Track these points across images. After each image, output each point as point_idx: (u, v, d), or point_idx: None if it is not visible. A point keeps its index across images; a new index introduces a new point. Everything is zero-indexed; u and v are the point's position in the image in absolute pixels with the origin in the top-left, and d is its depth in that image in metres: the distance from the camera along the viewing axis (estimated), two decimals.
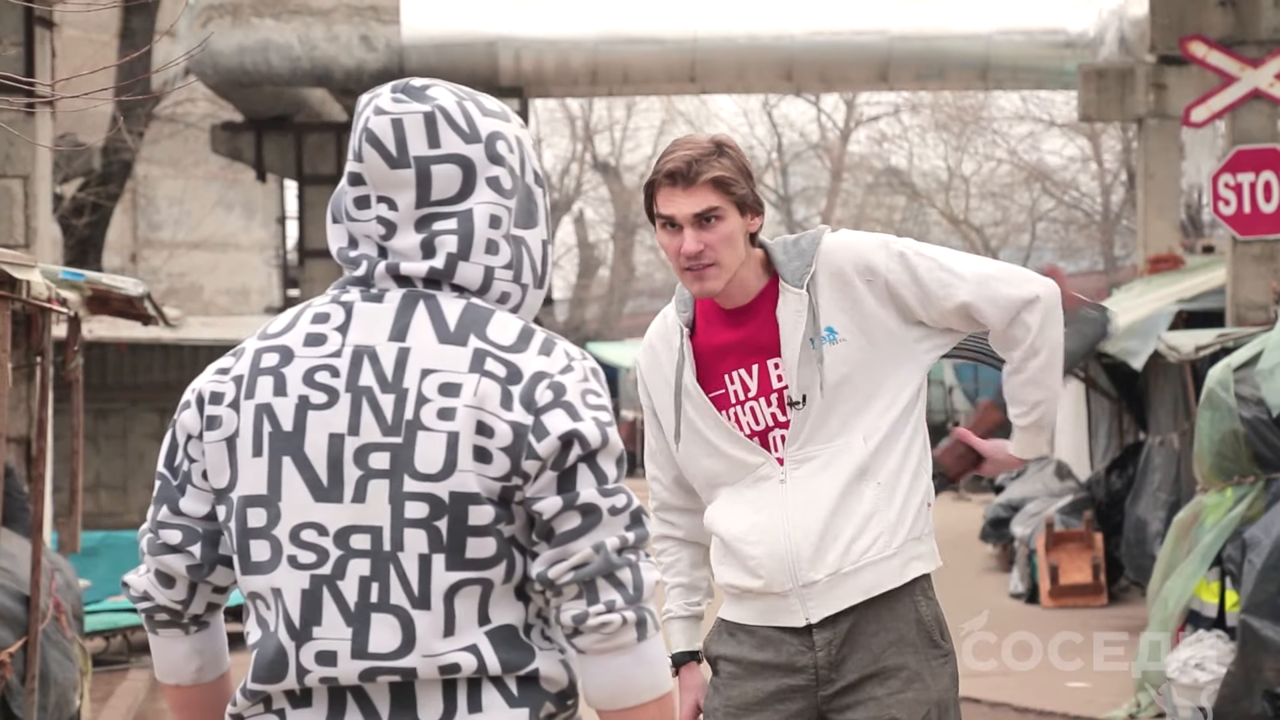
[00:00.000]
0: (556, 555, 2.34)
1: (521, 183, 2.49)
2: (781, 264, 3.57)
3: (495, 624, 2.37)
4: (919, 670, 3.54)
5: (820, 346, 3.51)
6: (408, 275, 2.43)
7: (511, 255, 2.46)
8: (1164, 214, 16.67)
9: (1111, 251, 35.11)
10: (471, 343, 2.38)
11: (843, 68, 21.36)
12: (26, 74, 11.54)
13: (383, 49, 20.54)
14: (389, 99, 2.46)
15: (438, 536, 2.34)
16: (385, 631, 2.34)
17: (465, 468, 2.34)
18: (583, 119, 43.69)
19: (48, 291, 6.49)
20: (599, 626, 2.33)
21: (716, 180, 3.50)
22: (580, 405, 2.37)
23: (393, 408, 2.37)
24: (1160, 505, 11.97)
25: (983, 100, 35.78)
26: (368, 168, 2.44)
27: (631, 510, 2.37)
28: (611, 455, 2.38)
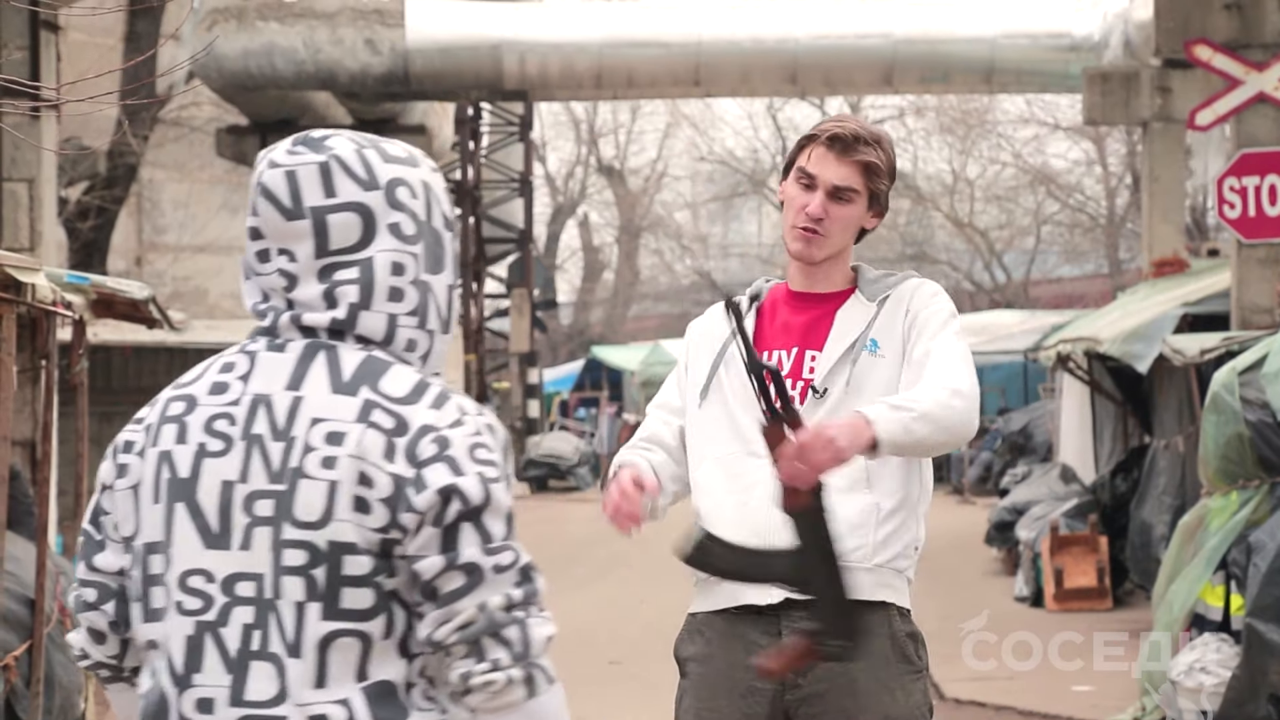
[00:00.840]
0: (441, 616, 2.33)
1: (428, 227, 2.48)
2: (865, 282, 3.68)
3: (373, 680, 2.35)
4: (889, 685, 3.53)
5: (860, 351, 3.58)
6: (311, 325, 2.43)
7: (417, 302, 2.46)
8: (1169, 217, 16.66)
9: (1116, 255, 35.09)
10: (362, 393, 2.38)
11: (847, 71, 21.36)
12: (32, 78, 11.55)
13: (387, 52, 20.54)
14: (283, 152, 2.46)
15: (314, 585, 2.33)
16: (262, 680, 2.34)
17: (343, 517, 2.33)
18: (587, 122, 43.71)
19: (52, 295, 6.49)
20: (485, 685, 2.31)
21: (868, 165, 3.62)
22: (465, 460, 2.36)
23: (280, 455, 2.37)
24: (1165, 509, 11.96)
25: (987, 103, 35.78)
26: (264, 221, 2.44)
27: (519, 567, 2.36)
28: (497, 513, 2.37)
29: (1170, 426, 12.49)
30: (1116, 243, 34.99)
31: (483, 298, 29.25)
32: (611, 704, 9.90)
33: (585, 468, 27.86)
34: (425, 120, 24.58)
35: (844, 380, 3.56)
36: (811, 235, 3.61)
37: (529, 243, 29.59)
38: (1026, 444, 20.23)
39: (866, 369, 3.56)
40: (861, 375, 3.55)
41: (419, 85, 21.20)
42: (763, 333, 3.67)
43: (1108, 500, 13.65)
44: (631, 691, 10.10)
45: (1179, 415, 12.20)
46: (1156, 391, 13.09)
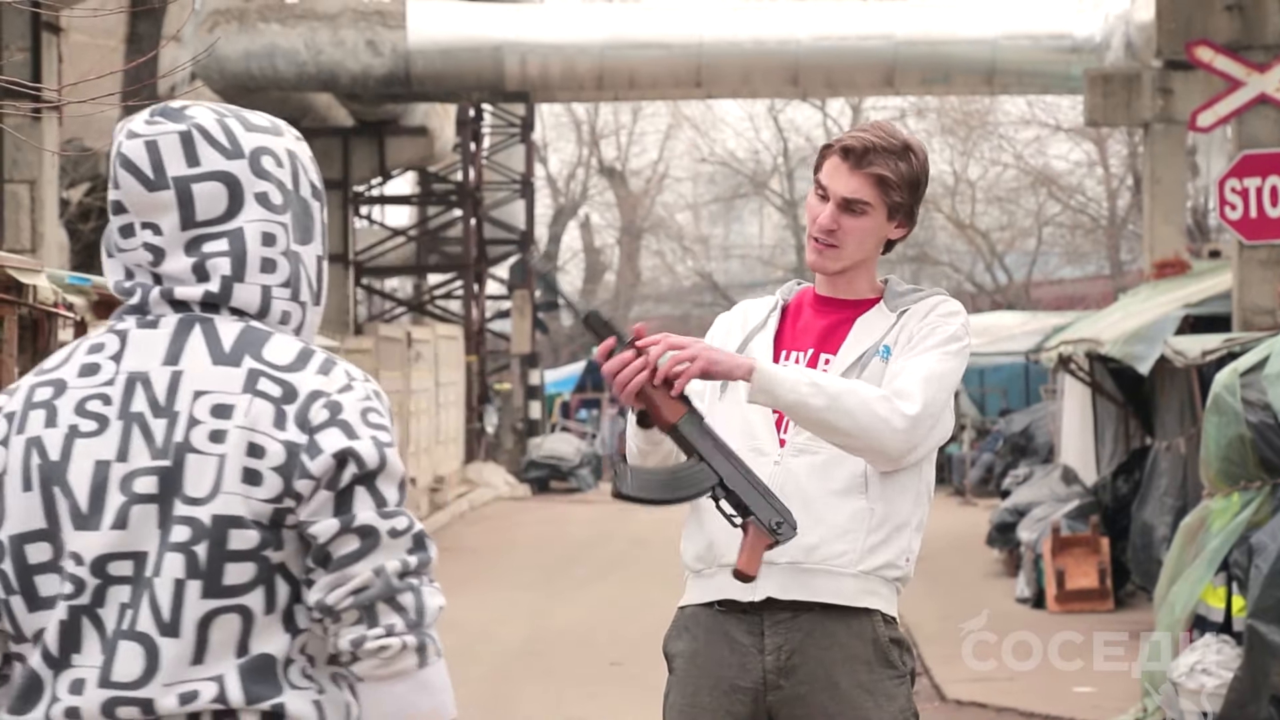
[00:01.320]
0: (335, 580, 2.27)
1: (295, 197, 2.43)
2: (892, 295, 3.66)
3: (252, 654, 2.30)
4: (872, 690, 3.51)
5: (871, 358, 3.57)
6: (183, 300, 2.37)
7: (289, 273, 2.41)
8: (1170, 219, 16.66)
9: (1118, 256, 35.09)
10: (246, 363, 2.33)
11: (848, 72, 21.37)
12: (33, 79, 11.55)
13: (389, 54, 20.55)
14: (142, 122, 2.40)
15: (195, 561, 2.28)
16: (130, 659, 2.29)
17: (231, 490, 2.29)
18: (589, 123, 43.71)
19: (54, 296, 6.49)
20: (377, 650, 2.26)
21: (880, 178, 3.57)
22: (358, 424, 2.31)
23: (163, 432, 2.32)
24: (1167, 510, 11.95)
25: (989, 105, 35.79)
26: (125, 193, 2.38)
27: (414, 533, 2.31)
28: (391, 477, 2.31)
29: (1172, 428, 12.49)
30: (1118, 244, 34.99)
31: (484, 299, 29.25)
32: (611, 705, 9.91)
33: (587, 469, 27.86)
34: (427, 122, 24.60)
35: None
36: (825, 247, 3.61)
37: (530, 244, 29.59)
38: (1028, 445, 20.23)
39: (874, 375, 3.54)
40: (868, 379, 3.54)
41: (420, 87, 21.21)
42: (784, 333, 3.66)
43: (1109, 501, 13.65)
44: (631, 692, 10.10)
45: (1180, 417, 12.20)
46: (1158, 393, 13.08)
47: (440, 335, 25.32)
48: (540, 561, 16.65)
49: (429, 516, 21.85)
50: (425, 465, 23.37)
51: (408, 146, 24.74)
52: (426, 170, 28.42)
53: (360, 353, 19.86)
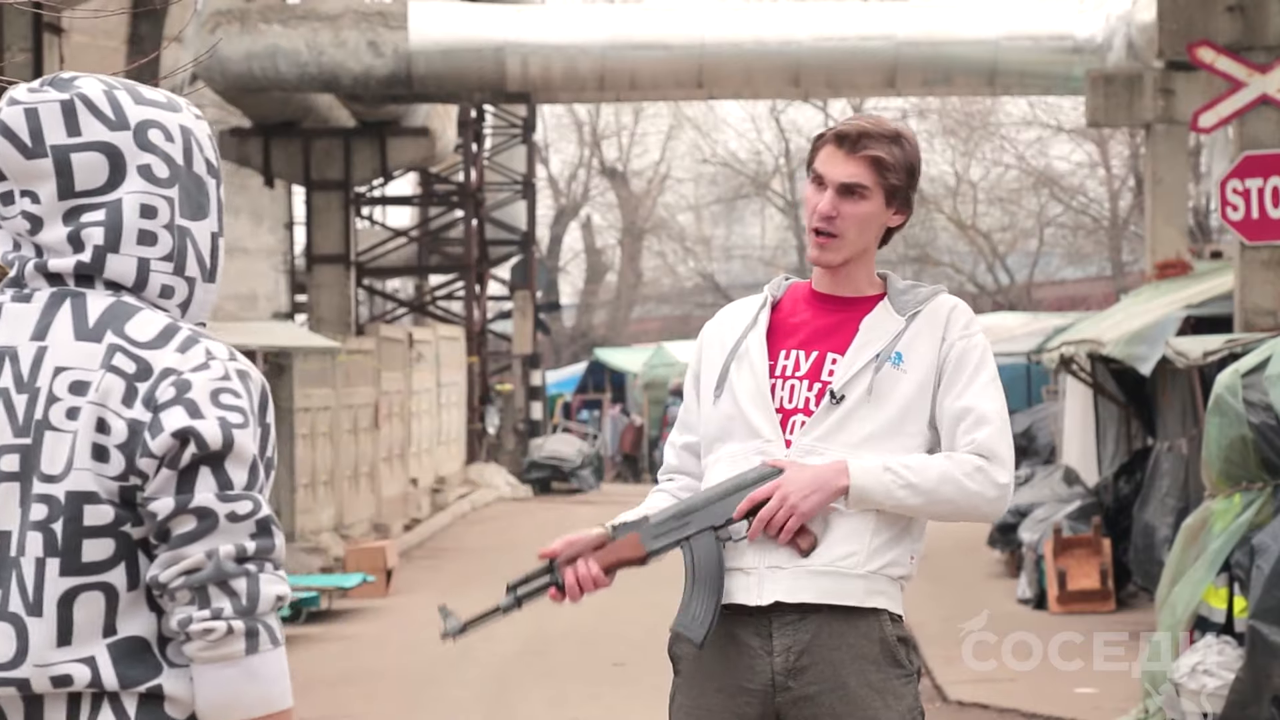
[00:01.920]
0: (170, 558, 2.25)
1: (187, 172, 2.39)
2: (895, 292, 3.62)
3: (121, 635, 2.28)
4: (880, 689, 3.51)
5: (884, 362, 3.54)
6: (57, 272, 2.34)
7: (173, 246, 2.36)
8: (1172, 219, 16.66)
9: (1119, 257, 35.10)
10: (106, 339, 2.30)
11: (850, 73, 21.37)
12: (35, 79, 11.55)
13: (390, 55, 20.56)
14: (24, 90, 2.37)
15: (53, 539, 2.26)
16: (3, 640, 2.27)
17: (82, 466, 2.26)
18: (590, 124, 43.72)
19: None
20: (203, 633, 2.23)
21: (876, 159, 3.55)
22: (205, 403, 2.27)
23: (24, 408, 2.30)
24: (1168, 511, 11.95)
25: (990, 106, 35.80)
26: (3, 160, 2.35)
27: (257, 519, 2.27)
28: (240, 460, 2.27)
29: (1173, 429, 12.48)
30: (1119, 245, 35.00)
31: (485, 300, 29.25)
32: (614, 706, 9.91)
33: (588, 470, 27.86)
34: (428, 122, 24.61)
35: (864, 388, 3.52)
36: (826, 239, 3.57)
37: (532, 245, 29.60)
38: (1029, 446, 20.21)
39: (888, 380, 3.52)
40: (882, 385, 3.52)
41: (422, 87, 21.21)
42: (779, 330, 3.62)
43: (1111, 502, 13.65)
44: (635, 693, 10.10)
45: (1182, 417, 12.20)
46: (1160, 394, 13.08)
47: (442, 336, 25.32)
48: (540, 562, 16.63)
49: (430, 517, 21.85)
50: (427, 466, 23.37)
51: (409, 147, 24.75)
52: (428, 171, 28.42)
53: (362, 353, 19.86)
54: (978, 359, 3.58)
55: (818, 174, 3.59)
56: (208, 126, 2.47)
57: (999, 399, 3.60)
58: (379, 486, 20.02)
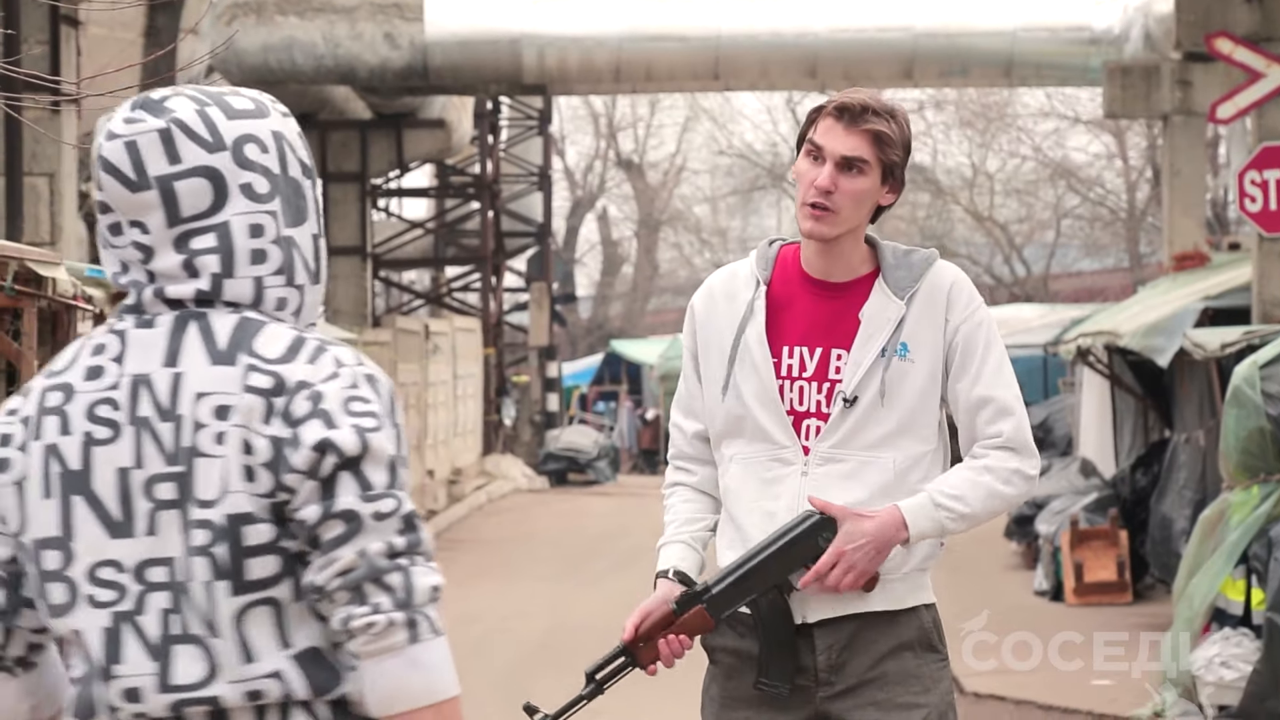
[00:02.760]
0: (323, 563, 2.30)
1: (284, 179, 2.42)
2: (888, 267, 3.55)
3: (299, 647, 2.34)
4: (919, 675, 3.51)
5: (890, 357, 3.49)
6: (176, 298, 2.38)
7: (283, 259, 2.40)
8: (1189, 211, 16.61)
9: (1137, 249, 35.03)
10: (241, 360, 2.34)
11: (866, 65, 21.33)
12: (52, 72, 11.57)
13: (406, 47, 20.56)
14: (120, 120, 2.39)
15: (217, 562, 2.32)
16: (190, 662, 2.33)
17: (235, 488, 2.32)
18: (606, 116, 43.70)
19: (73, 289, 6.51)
20: (365, 628, 2.28)
21: (878, 134, 3.49)
22: (339, 413, 2.31)
23: (171, 436, 2.34)
24: (1186, 503, 11.93)
25: (1007, 97, 35.71)
26: (109, 195, 2.38)
27: (402, 515, 2.32)
28: (378, 461, 2.32)
29: (1191, 421, 12.46)
30: (1137, 236, 34.92)
31: (501, 291, 29.26)
32: (631, 698, 9.90)
33: (604, 461, 27.86)
34: (444, 114, 24.61)
35: (875, 389, 3.48)
36: (822, 213, 3.48)
37: (548, 237, 29.59)
38: (1046, 438, 20.15)
39: (898, 376, 3.48)
40: (893, 383, 3.48)
41: (438, 79, 21.21)
42: (778, 324, 3.54)
43: (1128, 494, 13.62)
44: (651, 686, 10.08)
45: (1200, 409, 12.17)
46: (1177, 385, 13.05)
47: (458, 328, 25.33)
48: (559, 554, 16.65)
49: (447, 509, 21.87)
50: (443, 457, 23.39)
51: (425, 139, 24.76)
52: (444, 163, 28.43)
53: (378, 345, 19.88)
54: (985, 339, 3.53)
55: (815, 145, 3.51)
56: (295, 123, 2.49)
57: (1012, 380, 3.56)
58: None
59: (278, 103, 2.48)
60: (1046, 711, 9.40)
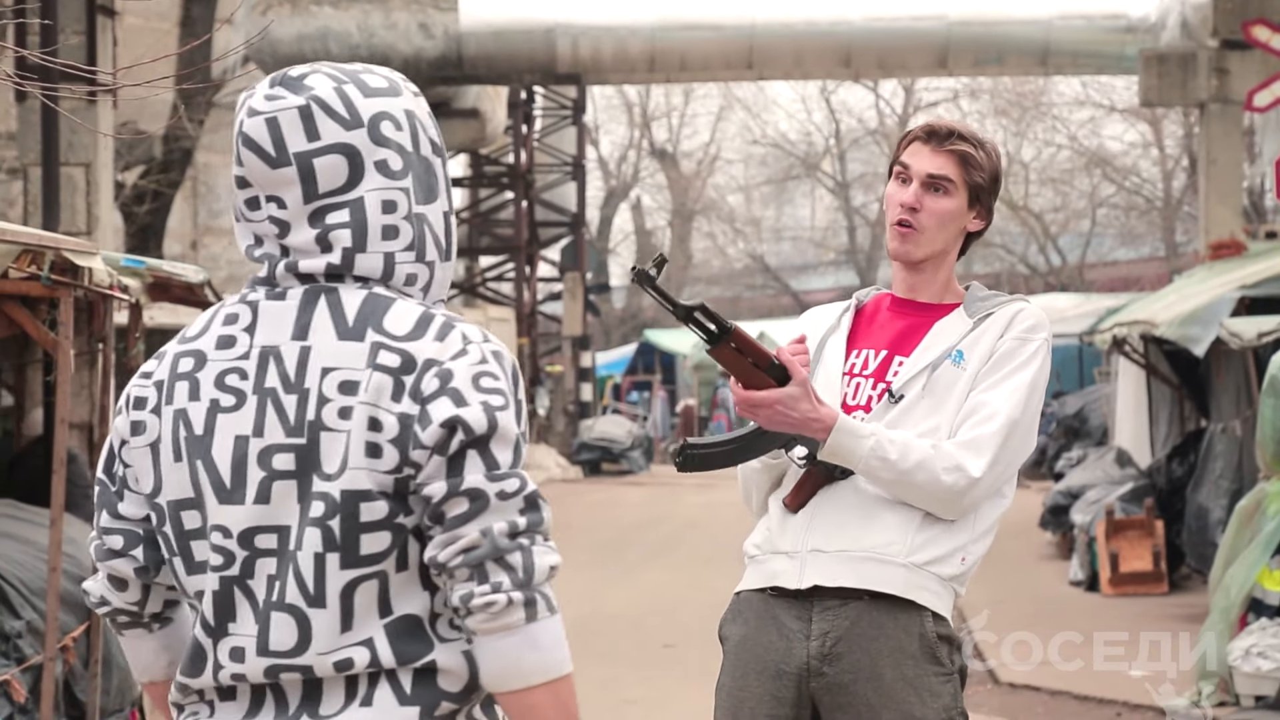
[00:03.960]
0: (446, 539, 2.33)
1: (416, 157, 2.46)
2: (972, 299, 3.64)
3: (397, 614, 2.38)
4: (915, 684, 3.50)
5: (943, 361, 3.56)
6: (308, 272, 2.42)
7: (413, 235, 2.44)
8: (1226, 200, 16.53)
9: (1173, 238, 34.87)
10: (369, 337, 2.37)
11: (901, 53, 21.29)
12: (88, 62, 11.62)
13: (441, 36, 20.58)
14: (261, 97, 2.43)
15: (331, 535, 2.35)
16: (284, 630, 2.37)
17: (357, 465, 2.34)
18: (640, 106, 43.68)
19: (109, 279, 6.53)
20: (484, 606, 2.30)
21: (964, 156, 3.59)
22: (469, 390, 2.34)
23: (295, 408, 2.38)
24: (1222, 493, 11.88)
25: (1043, 85, 35.59)
26: (249, 171, 2.42)
27: (525, 494, 2.34)
28: (505, 440, 2.34)
29: (1227, 410, 12.41)
30: (1173, 225, 34.77)
31: (535, 281, 29.27)
32: (664, 688, 9.91)
33: (638, 451, 27.87)
34: (478, 104, 24.63)
35: (920, 387, 3.54)
36: (908, 231, 3.58)
37: (582, 226, 29.61)
38: (1082, 428, 20.13)
39: (946, 378, 3.54)
40: (939, 383, 3.54)
41: (472, 69, 21.23)
42: (857, 332, 3.67)
43: (1164, 484, 13.57)
44: (685, 675, 10.11)
45: (1236, 399, 12.12)
46: (1213, 375, 13.00)
47: (492, 317, 25.36)
48: (592, 544, 16.67)
49: None
50: None
51: (459, 129, 24.78)
52: (478, 153, 28.45)
53: None
54: (1023, 358, 3.54)
55: (903, 165, 3.61)
56: (426, 103, 2.52)
57: (1021, 405, 3.51)
58: None
59: (409, 82, 2.51)
60: (1082, 702, 9.38)
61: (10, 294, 6.35)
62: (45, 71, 7.78)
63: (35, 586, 6.74)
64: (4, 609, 6.67)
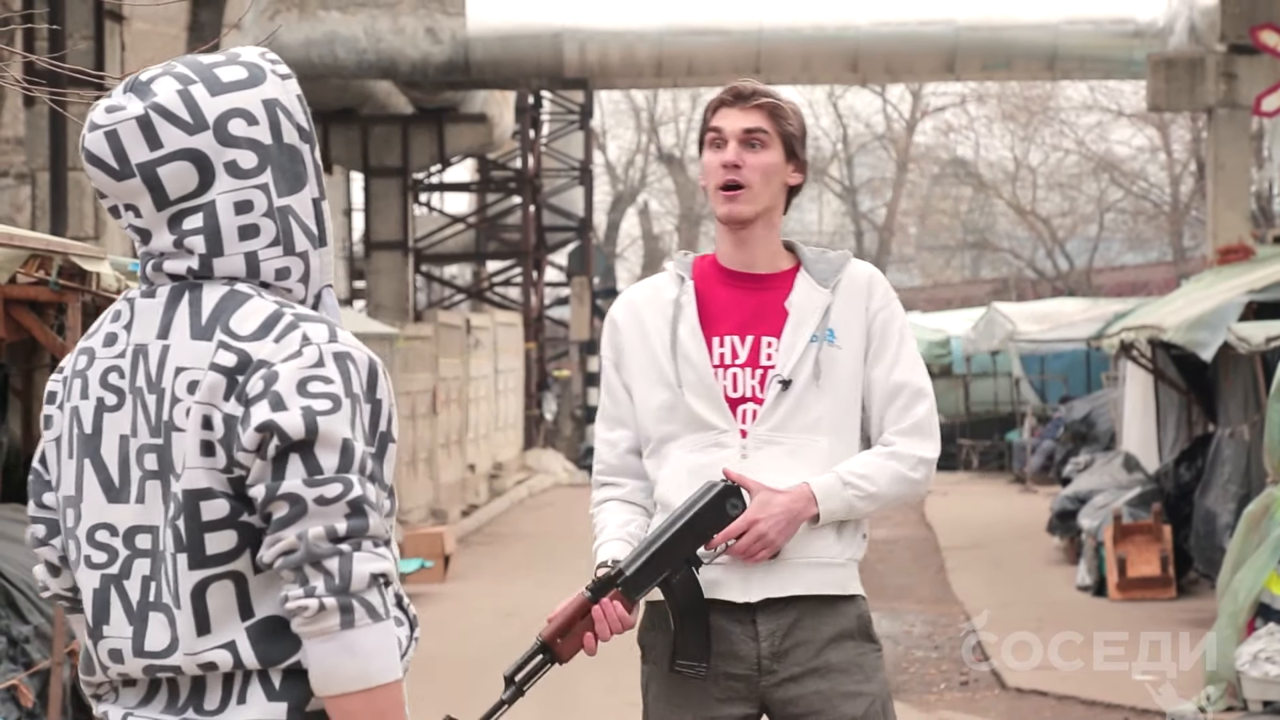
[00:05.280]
0: (269, 541, 2.32)
1: (278, 148, 2.41)
2: (809, 261, 3.65)
3: (259, 616, 2.37)
4: (860, 664, 3.57)
5: (821, 342, 3.56)
6: (174, 273, 2.41)
7: (277, 230, 2.40)
8: (1234, 204, 16.52)
9: (1181, 242, 34.84)
10: (215, 336, 2.36)
11: (909, 58, 21.28)
12: (97, 67, 11.63)
13: (448, 41, 20.59)
14: (102, 110, 2.39)
15: (179, 535, 2.35)
16: (158, 630, 2.38)
17: (194, 464, 2.34)
18: (647, 110, 43.70)
19: (117, 283, 6.53)
20: (298, 610, 2.30)
21: (772, 108, 3.62)
22: (290, 394, 2.31)
23: (155, 409, 2.38)
24: (1230, 497, 11.87)
25: (1050, 90, 35.57)
26: (98, 183, 2.40)
27: (349, 500, 2.31)
28: (328, 444, 2.31)
29: (1235, 414, 12.39)
30: (1181, 230, 34.73)
31: (543, 286, 29.29)
32: None
33: None
34: (486, 109, 24.64)
35: (809, 371, 3.54)
36: (734, 191, 3.59)
37: (589, 231, 29.61)
38: (1089, 432, 20.11)
39: (829, 360, 3.56)
40: (825, 367, 3.55)
41: (479, 74, 21.24)
42: (705, 317, 3.60)
43: (1171, 489, 13.56)
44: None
45: (1244, 403, 12.11)
46: (1221, 379, 12.99)
47: (499, 322, 25.37)
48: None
49: (488, 503, 21.92)
50: (484, 451, 23.43)
51: (467, 133, 24.79)
52: (486, 157, 28.46)
53: (420, 339, 19.93)
54: (899, 328, 3.63)
55: (716, 130, 3.62)
56: (295, 85, 2.47)
57: (924, 370, 3.66)
58: (437, 472, 20.09)
59: (279, 64, 2.46)
60: (1089, 706, 9.37)
61: (18, 299, 6.36)
62: (53, 76, 7.79)
63: None
64: (11, 614, 6.68)
